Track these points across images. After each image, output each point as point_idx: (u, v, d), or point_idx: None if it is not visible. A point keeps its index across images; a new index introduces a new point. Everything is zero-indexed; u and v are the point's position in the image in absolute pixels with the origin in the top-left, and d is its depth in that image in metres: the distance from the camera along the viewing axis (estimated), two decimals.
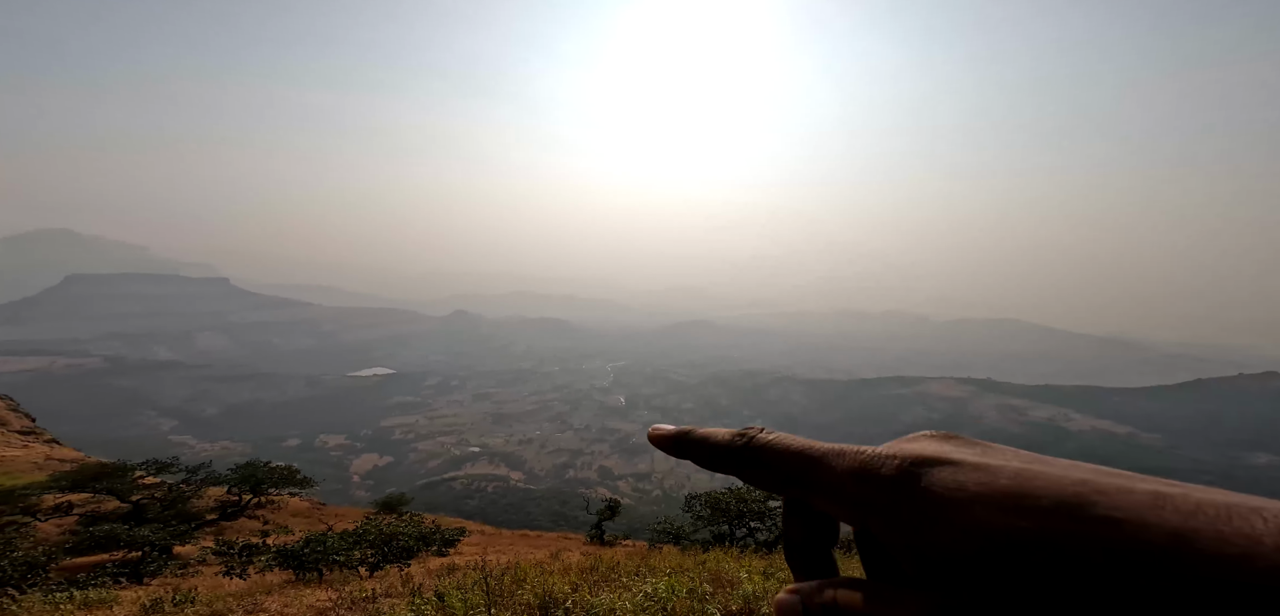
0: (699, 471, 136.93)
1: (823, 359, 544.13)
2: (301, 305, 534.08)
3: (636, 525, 39.15)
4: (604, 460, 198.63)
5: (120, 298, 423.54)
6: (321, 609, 6.47)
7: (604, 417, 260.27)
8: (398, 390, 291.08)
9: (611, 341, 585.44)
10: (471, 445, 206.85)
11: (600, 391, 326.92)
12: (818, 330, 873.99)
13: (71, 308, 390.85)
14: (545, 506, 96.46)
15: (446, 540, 14.98)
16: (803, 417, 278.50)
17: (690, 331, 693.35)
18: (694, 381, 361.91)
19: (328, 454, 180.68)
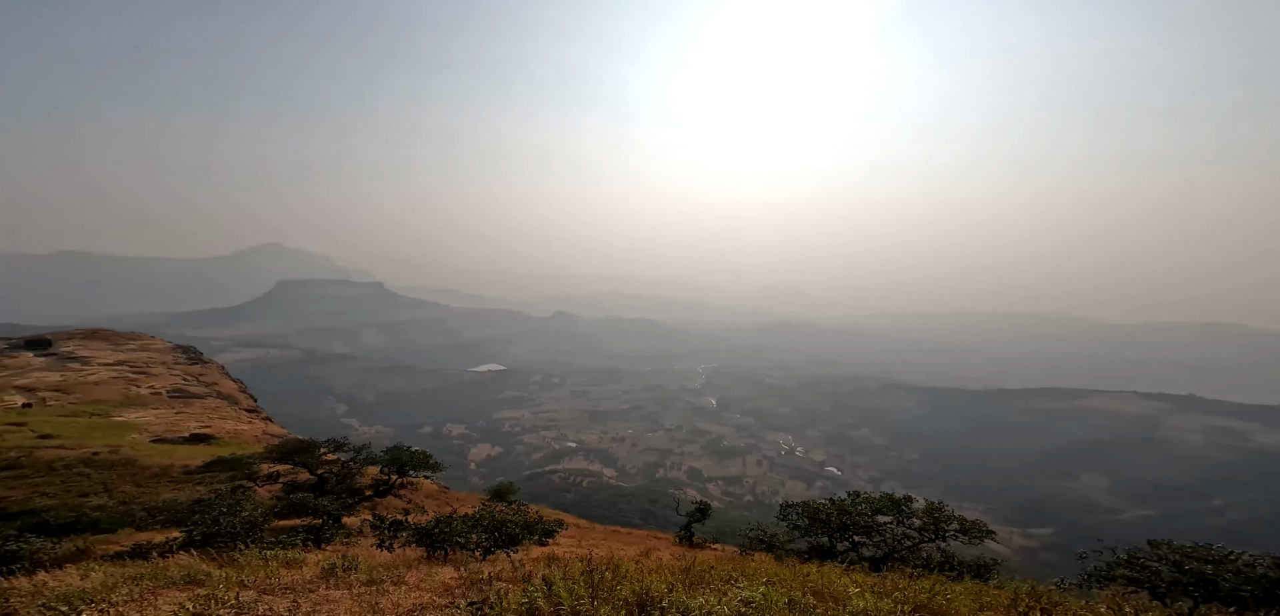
0: (795, 478, 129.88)
1: (941, 364, 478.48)
2: (433, 306, 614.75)
3: (726, 529, 38.32)
4: (694, 461, 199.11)
5: (312, 301, 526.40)
6: (449, 586, 7.32)
7: (694, 419, 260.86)
8: (508, 385, 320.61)
9: (702, 342, 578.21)
10: (569, 441, 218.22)
11: (691, 392, 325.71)
12: (934, 332, 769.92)
13: (280, 309, 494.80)
14: (635, 503, 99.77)
15: (546, 531, 16.09)
16: (917, 428, 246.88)
17: (784, 333, 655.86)
18: (789, 385, 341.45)
19: (451, 441, 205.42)
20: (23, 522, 12.65)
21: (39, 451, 23.52)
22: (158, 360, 57.08)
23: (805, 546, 15.62)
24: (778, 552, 15.17)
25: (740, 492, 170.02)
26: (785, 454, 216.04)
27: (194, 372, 56.28)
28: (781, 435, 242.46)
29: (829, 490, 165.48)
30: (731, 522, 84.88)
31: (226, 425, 37.04)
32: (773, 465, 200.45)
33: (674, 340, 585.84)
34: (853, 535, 14.96)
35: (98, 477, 19.48)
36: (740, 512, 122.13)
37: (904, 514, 15.01)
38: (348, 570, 8.32)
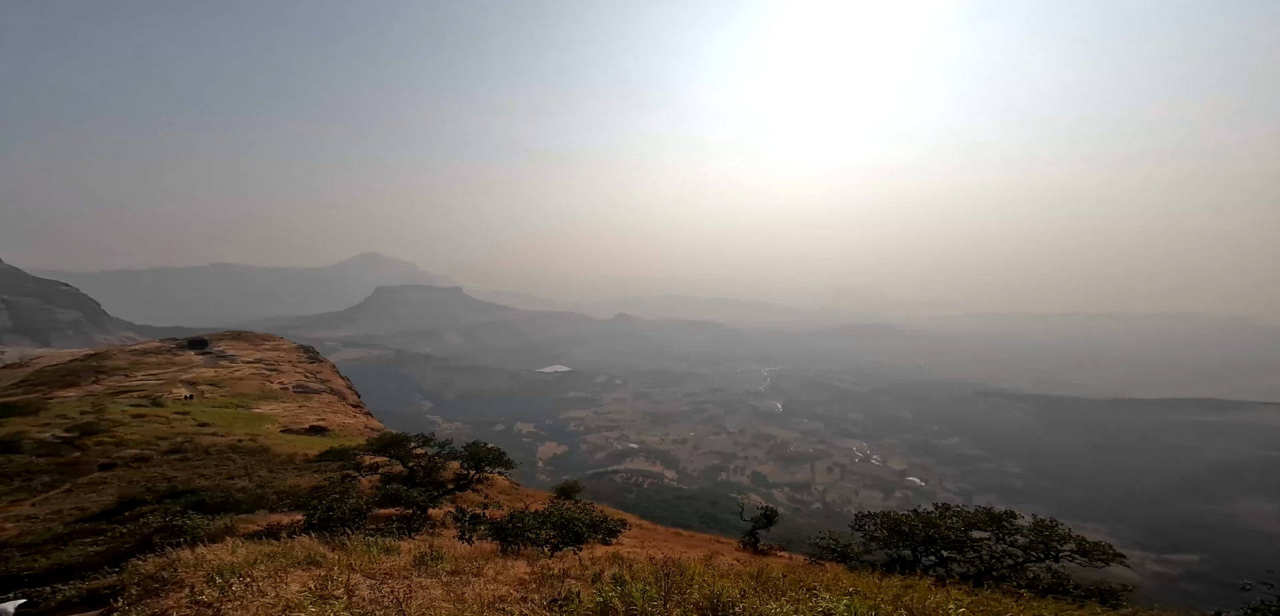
0: (870, 487, 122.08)
1: (1051, 369, 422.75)
2: (505, 309, 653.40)
3: (792, 537, 36.66)
4: (758, 466, 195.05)
5: (403, 305, 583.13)
6: (523, 580, 7.66)
7: (759, 423, 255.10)
8: (573, 386, 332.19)
9: (766, 344, 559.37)
10: (631, 442, 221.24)
11: (755, 396, 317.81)
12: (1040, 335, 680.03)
13: (377, 313, 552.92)
14: (696, 506, 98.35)
15: (610, 530, 16.44)
16: (1020, 439, 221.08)
17: (857, 335, 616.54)
18: (865, 391, 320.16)
19: (521, 439, 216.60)
20: (186, 500, 15.44)
21: (199, 437, 28.39)
22: (285, 359, 66.23)
23: (883, 558, 14.63)
24: (852, 563, 14.35)
25: (808, 500, 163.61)
26: (859, 461, 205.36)
27: (313, 370, 64.61)
28: (855, 442, 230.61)
29: (910, 501, 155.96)
30: (798, 530, 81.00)
31: (337, 418, 42.13)
32: (844, 473, 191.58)
33: (736, 342, 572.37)
34: (940, 550, 13.75)
35: (241, 462, 23.15)
36: (808, 520, 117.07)
37: (1005, 530, 13.60)
38: (435, 560, 9.03)
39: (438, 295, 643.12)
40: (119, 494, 18.10)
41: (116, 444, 25.35)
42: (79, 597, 7.28)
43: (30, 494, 19.49)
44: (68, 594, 7.40)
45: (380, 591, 5.92)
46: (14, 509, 17.72)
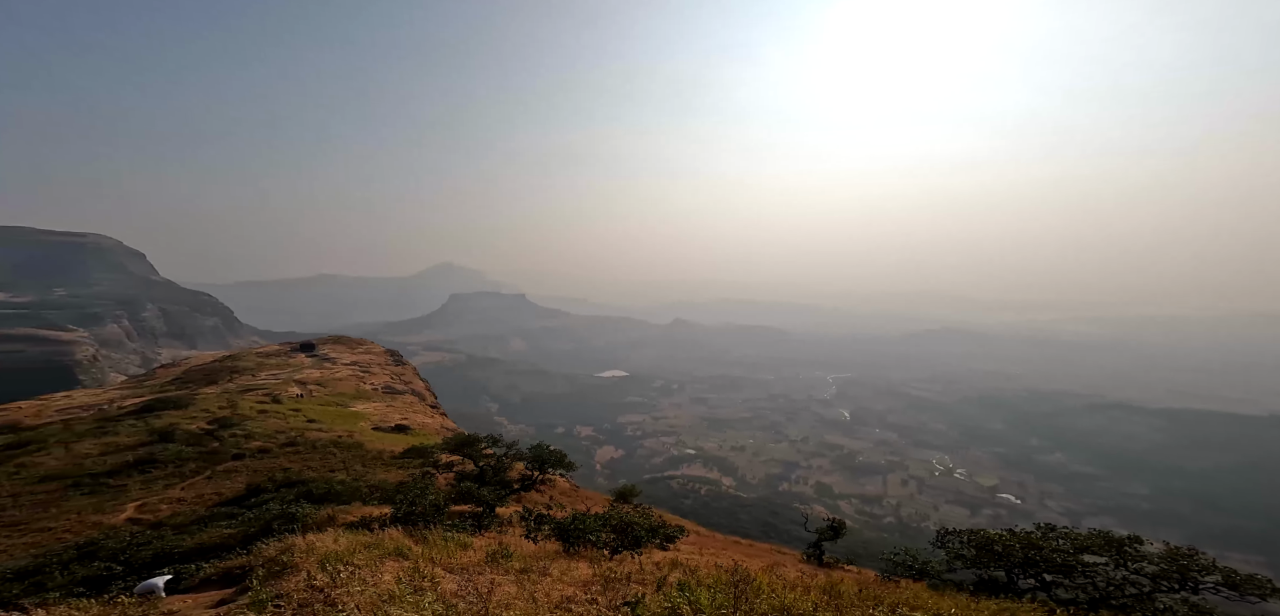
0: (953, 502, 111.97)
1: (1187, 379, 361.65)
2: (565, 314, 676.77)
3: (860, 551, 34.44)
4: (823, 476, 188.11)
5: (473, 311, 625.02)
6: (586, 581, 7.79)
7: (824, 431, 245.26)
8: (630, 390, 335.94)
9: (832, 350, 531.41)
10: (688, 447, 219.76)
11: (820, 404, 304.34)
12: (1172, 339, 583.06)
13: (451, 319, 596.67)
14: (755, 515, 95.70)
15: (668, 535, 16.41)
16: (1150, 458, 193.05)
17: (937, 341, 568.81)
18: (947, 399, 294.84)
19: (580, 442, 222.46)
20: (298, 490, 17.68)
21: (307, 432, 32.30)
22: (375, 361, 73.44)
23: (971, 579, 13.40)
24: (933, 581, 13.26)
25: (879, 513, 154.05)
26: (940, 475, 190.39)
27: (397, 373, 71.07)
28: (935, 454, 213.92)
29: (1002, 520, 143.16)
30: (868, 545, 76.08)
31: (418, 418, 45.97)
32: (922, 486, 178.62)
33: (799, 347, 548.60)
34: (1042, 572, 12.38)
35: (340, 456, 26.05)
36: (878, 534, 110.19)
37: (1128, 556, 12.04)
38: (505, 557, 9.49)
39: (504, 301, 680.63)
40: (247, 482, 21.09)
41: (245, 436, 29.57)
42: (216, 575, 8.57)
43: (181, 479, 23.27)
44: (207, 572, 8.76)
45: (466, 586, 6.39)
46: (169, 492, 21.26)
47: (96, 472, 24.01)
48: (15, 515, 19.48)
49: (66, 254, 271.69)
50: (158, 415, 35.10)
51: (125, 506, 19.63)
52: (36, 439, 30.86)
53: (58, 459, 26.30)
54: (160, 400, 40.27)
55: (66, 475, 23.96)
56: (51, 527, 17.67)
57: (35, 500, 21.24)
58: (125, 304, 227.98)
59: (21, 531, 17.63)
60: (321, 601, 5.26)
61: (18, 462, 25.92)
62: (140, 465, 24.93)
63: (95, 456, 26.54)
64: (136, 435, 30.12)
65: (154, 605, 6.40)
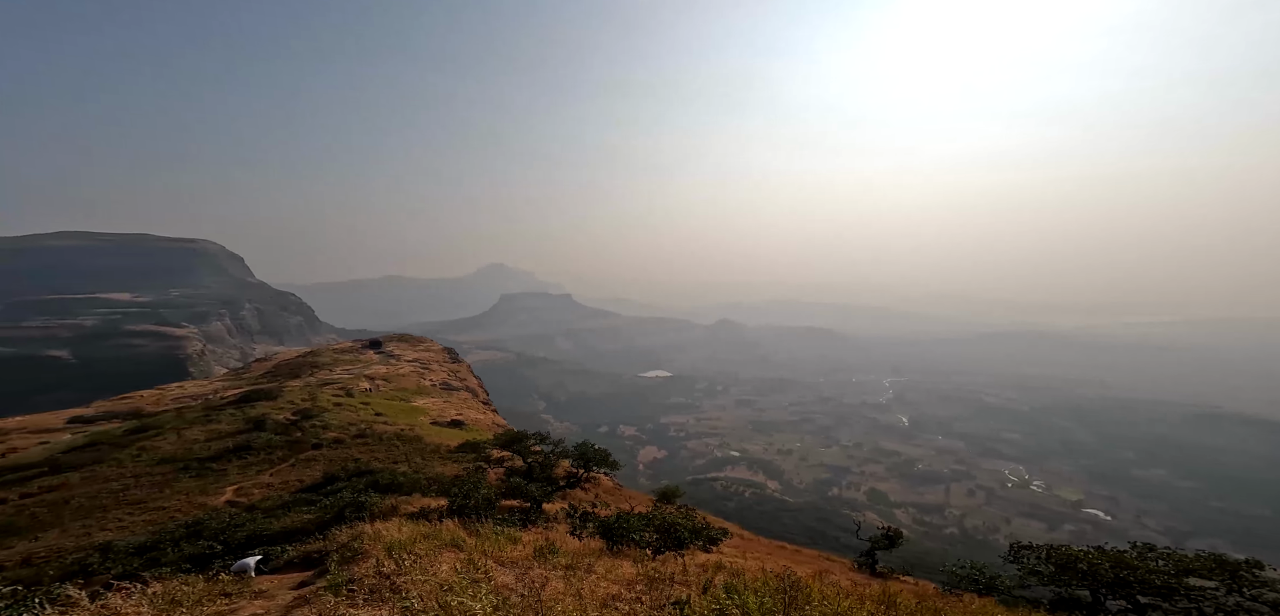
0: (1028, 516, 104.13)
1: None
2: (610, 315, 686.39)
3: (917, 562, 32.40)
4: (877, 483, 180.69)
5: (523, 311, 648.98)
6: (629, 580, 7.84)
7: (879, 437, 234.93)
8: (674, 391, 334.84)
9: (889, 353, 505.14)
10: (732, 449, 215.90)
11: (875, 408, 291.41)
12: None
13: (502, 318, 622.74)
14: (801, 520, 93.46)
15: (711, 537, 16.27)
16: (1255, 475, 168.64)
17: (1010, 343, 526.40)
18: (1023, 407, 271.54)
19: (624, 441, 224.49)
20: (367, 480, 19.24)
21: (375, 425, 34.98)
22: (434, 359, 78.16)
23: (1048, 597, 12.34)
24: (1003, 598, 12.34)
25: (940, 524, 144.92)
26: (1013, 487, 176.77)
27: (454, 370, 75.27)
28: (1007, 464, 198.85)
29: (1087, 537, 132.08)
30: (926, 556, 71.63)
31: (472, 414, 48.44)
32: (991, 497, 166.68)
33: (852, 350, 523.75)
34: (1136, 594, 11.26)
35: (403, 449, 28.04)
36: (938, 546, 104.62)
37: (1244, 581, 10.77)
38: (552, 553, 9.75)
39: (551, 302, 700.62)
40: (324, 470, 23.20)
41: (323, 427, 32.51)
42: (298, 558, 9.48)
43: (270, 465, 25.97)
44: (291, 554, 9.73)
45: (518, 580, 6.73)
46: (260, 477, 23.79)
47: (202, 457, 27.33)
48: (138, 494, 22.58)
49: (180, 259, 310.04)
50: (252, 405, 39.32)
51: (225, 489, 22.21)
52: (155, 424, 35.55)
53: (171, 443, 30.18)
54: (254, 392, 45.11)
55: (178, 458, 27.45)
56: (165, 507, 20.34)
57: (153, 480, 24.51)
58: (227, 303, 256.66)
59: (142, 509, 20.41)
60: (388, 587, 5.74)
61: (140, 446, 30.01)
62: (238, 451, 28.10)
63: (201, 442, 30.21)
64: (235, 423, 33.94)
65: (247, 584, 7.23)
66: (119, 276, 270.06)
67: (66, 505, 21.66)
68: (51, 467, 27.85)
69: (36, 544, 17.43)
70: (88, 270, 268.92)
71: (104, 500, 22.06)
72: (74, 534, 18.00)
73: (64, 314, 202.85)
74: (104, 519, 19.42)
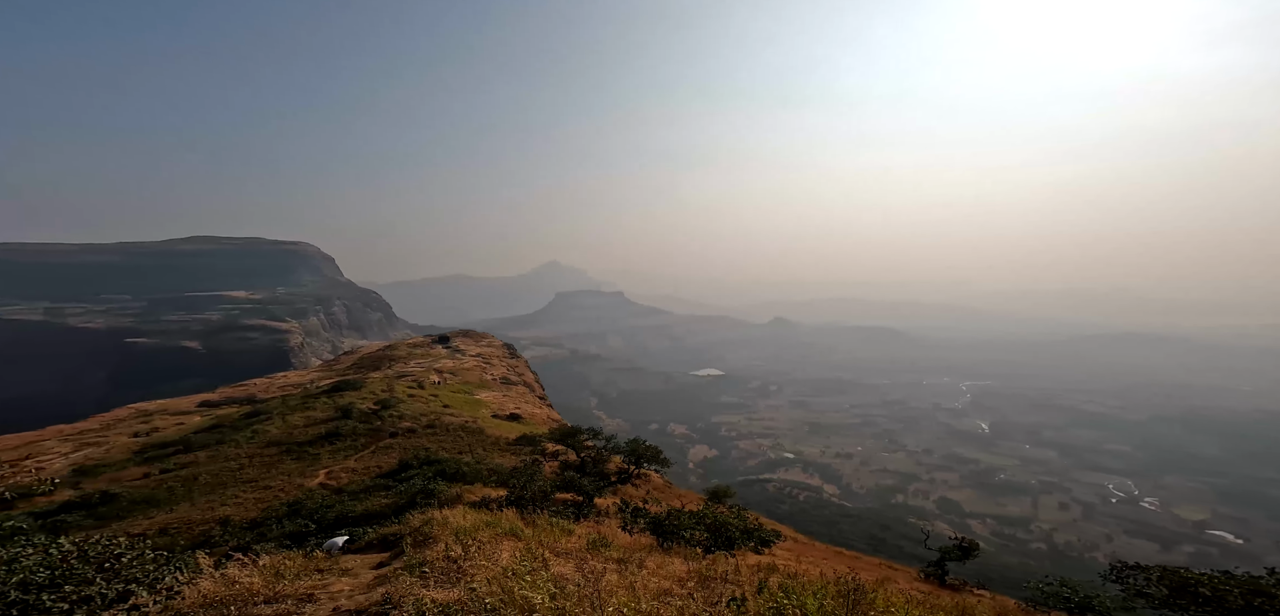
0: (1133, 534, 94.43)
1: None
2: (662, 313, 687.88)
3: (991, 574, 29.84)
4: (950, 491, 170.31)
5: (576, 309, 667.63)
6: (680, 577, 7.86)
7: (953, 443, 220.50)
8: (726, 390, 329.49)
9: (965, 355, 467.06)
10: (786, 451, 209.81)
11: (949, 413, 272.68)
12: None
13: (557, 316, 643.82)
14: (860, 526, 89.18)
15: (763, 539, 15.97)
16: None
17: (1118, 346, 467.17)
18: (1137, 416, 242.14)
19: (674, 440, 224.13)
20: (435, 468, 20.83)
21: (443, 416, 37.62)
22: (495, 354, 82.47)
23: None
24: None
25: (1024, 538, 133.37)
26: (1118, 502, 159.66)
27: (512, 365, 78.96)
28: (1111, 478, 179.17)
29: (1210, 560, 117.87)
30: (1005, 570, 66.62)
31: (528, 408, 50.61)
32: (1089, 513, 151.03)
33: (922, 350, 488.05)
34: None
35: (466, 440, 29.98)
36: (1020, 560, 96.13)
37: None
38: (604, 546, 9.97)
39: (604, 300, 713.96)
40: (399, 458, 25.36)
41: (399, 417, 35.52)
42: (376, 540, 10.52)
43: (354, 451, 28.80)
44: (370, 536, 10.81)
45: (575, 570, 7.05)
46: (346, 462, 26.44)
47: (301, 441, 30.83)
48: (250, 473, 25.94)
49: (284, 260, 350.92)
50: (341, 395, 43.71)
51: (318, 472, 24.93)
52: (265, 410, 40.55)
53: (277, 428, 34.31)
54: (342, 382, 50.09)
55: (282, 442, 31.17)
56: (271, 486, 23.19)
57: (262, 461, 28.02)
58: (321, 301, 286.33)
59: (253, 487, 23.42)
60: (455, 571, 6.25)
61: (253, 429, 34.37)
62: (328, 437, 31.41)
63: (300, 427, 34.08)
64: (326, 411, 37.94)
65: (335, 561, 8.13)
66: (237, 276, 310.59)
67: (195, 481, 25.36)
68: (184, 447, 32.69)
69: (172, 515, 20.58)
70: (212, 271, 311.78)
71: (224, 478, 25.59)
72: (201, 507, 21.05)
73: (194, 310, 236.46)
74: (224, 495, 22.53)
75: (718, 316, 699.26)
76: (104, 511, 22.05)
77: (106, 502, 22.90)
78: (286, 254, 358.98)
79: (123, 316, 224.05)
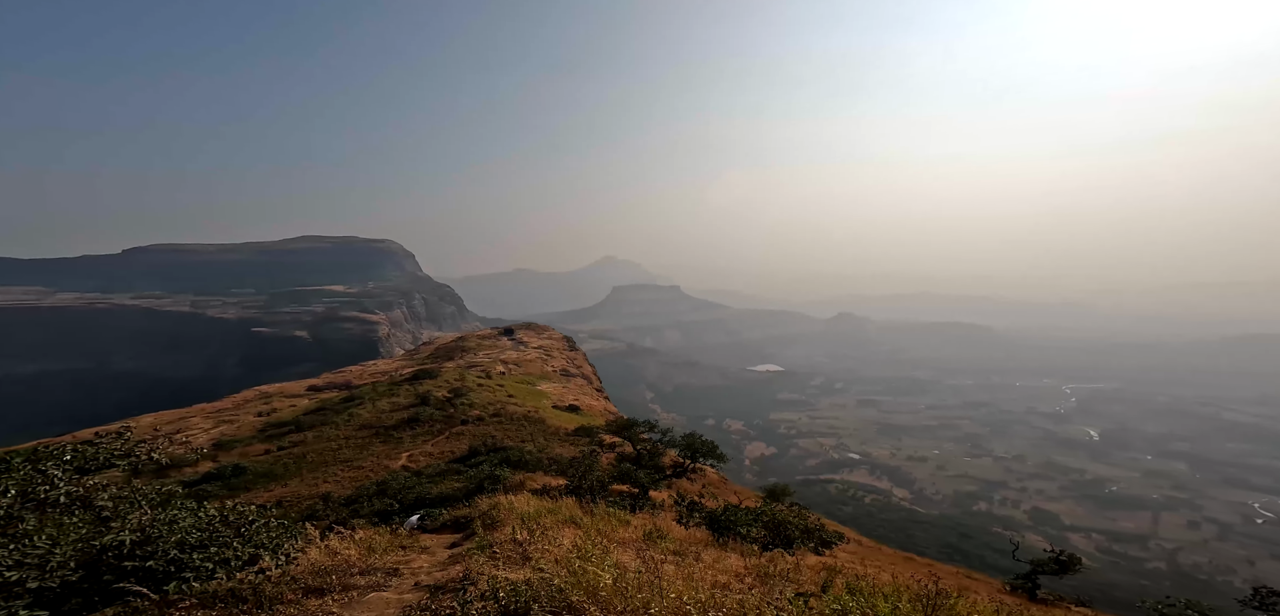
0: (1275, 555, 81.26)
1: None
2: (718, 307, 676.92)
3: (1093, 593, 26.53)
4: (1047, 502, 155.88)
5: (632, 303, 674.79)
6: (738, 572, 7.84)
7: (1052, 451, 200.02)
8: (785, 386, 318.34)
9: (1072, 357, 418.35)
10: (851, 451, 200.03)
11: (1049, 418, 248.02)
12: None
13: (613, 310, 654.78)
14: (935, 533, 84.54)
15: (824, 540, 15.34)
16: None
17: (1256, 349, 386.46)
18: None
19: (729, 436, 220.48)
20: (501, 455, 22.22)
21: (507, 406, 39.90)
22: (556, 347, 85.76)
23: None
24: None
25: (1138, 556, 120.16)
26: (1265, 523, 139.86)
27: (572, 358, 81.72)
28: (1259, 496, 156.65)
29: None
30: (1109, 589, 60.21)
31: (586, 400, 52.24)
32: (1226, 533, 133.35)
33: (1015, 350, 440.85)
34: None
35: (529, 429, 31.61)
36: (1131, 580, 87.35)
37: None
38: (660, 538, 10.14)
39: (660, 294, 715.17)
40: (469, 444, 27.31)
41: (469, 406, 38.21)
42: (449, 521, 11.48)
43: (431, 436, 31.41)
44: (444, 517, 11.80)
45: (639, 558, 7.27)
46: (424, 446, 28.92)
47: (387, 425, 34.15)
48: (347, 454, 29.16)
49: (373, 256, 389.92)
50: (420, 383, 47.75)
51: (401, 455, 27.51)
52: (359, 396, 45.31)
53: (368, 412, 38.25)
54: (422, 371, 54.70)
55: (372, 425, 34.71)
56: (363, 466, 25.94)
57: (356, 443, 31.39)
58: (403, 295, 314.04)
59: (348, 466, 26.33)
60: (521, 554, 6.70)
61: (349, 413, 38.56)
62: (410, 422, 34.51)
63: (387, 412, 37.74)
64: (408, 398, 41.66)
65: (415, 539, 8.99)
66: (335, 271, 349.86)
67: (304, 458, 28.98)
68: (295, 427, 37.42)
69: (286, 489, 23.69)
70: (316, 267, 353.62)
71: (326, 456, 29.01)
72: (308, 482, 24.06)
73: (303, 303, 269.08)
74: (326, 473, 25.58)
75: (777, 311, 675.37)
76: (235, 482, 25.87)
77: (237, 474, 26.86)
78: (375, 251, 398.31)
79: (249, 308, 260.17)
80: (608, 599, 5.05)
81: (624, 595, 5.14)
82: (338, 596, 5.98)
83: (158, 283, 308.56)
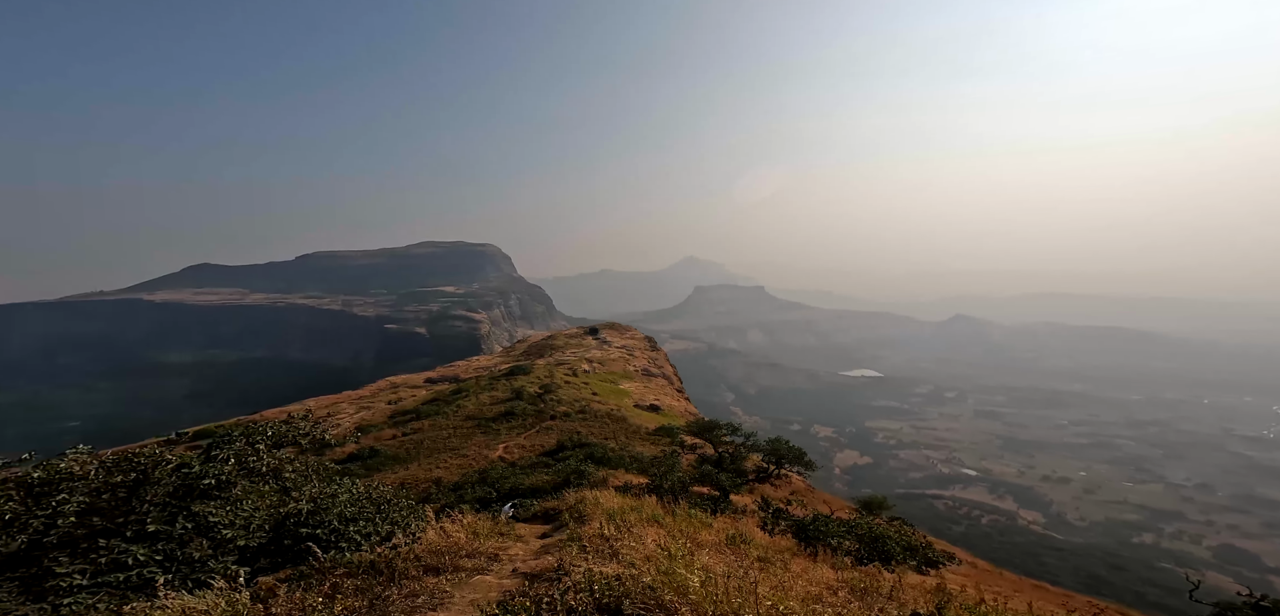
0: None
1: None
2: (806, 307, 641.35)
3: None
4: (1240, 539, 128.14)
5: (714, 303, 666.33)
6: (830, 584, 7.39)
7: (1255, 482, 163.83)
8: (883, 394, 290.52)
9: (1269, 369, 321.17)
10: (966, 467, 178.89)
11: (1252, 442, 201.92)
12: None
13: (695, 310, 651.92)
14: (1073, 561, 74.41)
15: (930, 559, 13.93)
16: None
17: None
18: None
19: (818, 442, 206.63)
20: (586, 451, 23.30)
21: (592, 403, 41.72)
22: (638, 346, 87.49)
23: None
24: None
25: None
26: None
27: (653, 357, 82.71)
28: None
29: None
30: None
31: (667, 400, 52.61)
32: None
33: (1195, 360, 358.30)
34: None
35: (612, 427, 32.72)
36: None
37: None
38: (743, 543, 9.74)
39: (742, 294, 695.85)
40: (557, 439, 29.03)
41: (557, 402, 40.65)
42: (539, 512, 12.20)
43: (524, 430, 33.94)
44: (535, 508, 12.60)
45: (723, 559, 7.27)
46: (519, 439, 31.33)
47: (487, 417, 37.62)
48: (454, 442, 32.63)
49: (477, 259, 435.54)
50: (515, 379, 51.87)
51: (498, 445, 30.12)
52: (465, 389, 50.51)
53: (472, 404, 42.48)
54: (516, 367, 59.37)
55: (475, 416, 38.48)
56: (467, 454, 28.84)
57: (462, 432, 35.01)
58: (502, 295, 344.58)
59: (455, 454, 29.43)
60: (608, 549, 7.03)
61: (457, 404, 43.16)
62: (506, 415, 37.66)
63: (487, 405, 41.59)
64: (505, 392, 45.50)
65: (511, 527, 9.79)
66: (446, 273, 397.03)
67: (420, 445, 33.01)
68: (415, 415, 42.80)
69: (407, 472, 27.17)
70: (433, 269, 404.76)
71: (438, 444, 32.76)
72: (424, 467, 27.37)
73: (422, 302, 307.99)
74: (438, 459, 28.90)
75: (874, 312, 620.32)
76: (371, 463, 30.25)
77: (372, 456, 31.42)
78: (478, 254, 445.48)
79: (382, 306, 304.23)
80: (697, 601, 5.03)
81: (713, 599, 5.08)
82: (450, 575, 6.64)
83: (320, 284, 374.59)
